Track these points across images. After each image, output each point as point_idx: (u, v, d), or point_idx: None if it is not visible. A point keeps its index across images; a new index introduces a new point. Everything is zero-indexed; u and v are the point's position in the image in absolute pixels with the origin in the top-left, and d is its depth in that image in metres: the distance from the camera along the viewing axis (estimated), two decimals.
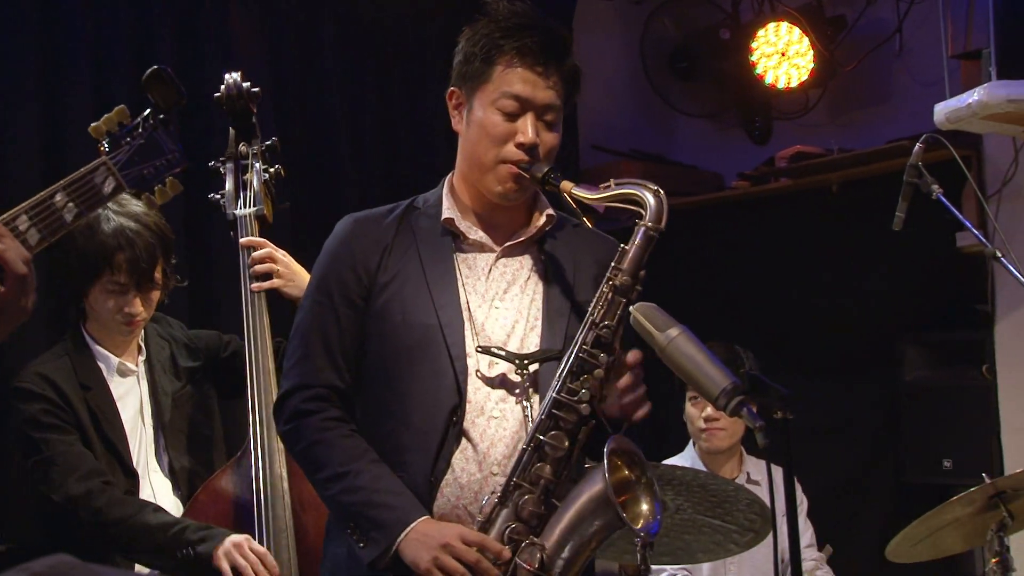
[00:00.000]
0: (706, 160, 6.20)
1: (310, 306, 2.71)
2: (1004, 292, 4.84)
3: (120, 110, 2.56)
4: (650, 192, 2.61)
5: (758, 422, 2.40)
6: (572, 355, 2.54)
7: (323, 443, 2.61)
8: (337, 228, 2.76)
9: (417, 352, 2.60)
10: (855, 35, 5.57)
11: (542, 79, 2.62)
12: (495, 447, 2.58)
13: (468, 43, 2.67)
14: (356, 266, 2.67)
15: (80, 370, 3.32)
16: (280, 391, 2.72)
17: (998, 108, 4.15)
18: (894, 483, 5.23)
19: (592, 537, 2.47)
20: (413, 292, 2.63)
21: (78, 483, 3.19)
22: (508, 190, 2.64)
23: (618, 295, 2.55)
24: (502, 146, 2.61)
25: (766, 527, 3.53)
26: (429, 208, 2.74)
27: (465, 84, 2.68)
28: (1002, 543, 3.38)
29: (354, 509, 2.56)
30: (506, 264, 2.71)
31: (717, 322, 5.45)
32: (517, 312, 2.67)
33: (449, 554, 2.44)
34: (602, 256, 2.73)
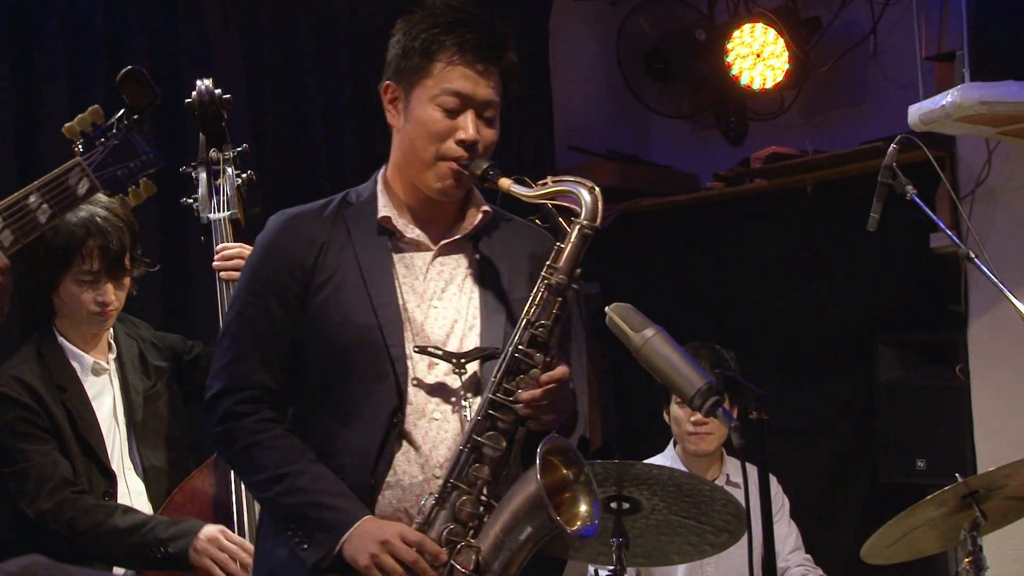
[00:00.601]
0: (682, 161, 6.22)
1: (242, 305, 2.65)
2: (977, 293, 4.86)
3: (94, 110, 2.54)
4: (586, 189, 2.57)
5: (733, 422, 2.40)
6: (507, 355, 2.52)
7: (259, 445, 2.56)
8: (269, 224, 2.70)
9: (356, 354, 2.57)
10: (830, 36, 5.59)
11: (482, 76, 2.60)
12: (437, 449, 2.56)
13: (405, 37, 2.64)
14: (291, 264, 2.62)
15: (55, 371, 3.30)
16: (210, 392, 2.64)
17: (971, 110, 4.17)
18: (868, 483, 5.25)
19: (528, 539, 2.46)
20: (351, 292, 2.60)
21: (48, 497, 3.17)
22: (447, 187, 2.62)
23: (553, 294, 2.54)
24: (442, 143, 2.59)
25: (741, 528, 3.54)
26: (363, 204, 2.70)
27: (402, 79, 2.64)
28: (975, 543, 3.39)
29: (296, 511, 2.52)
30: (443, 263, 2.68)
31: (692, 322, 5.48)
32: (456, 311, 2.65)
33: (388, 552, 2.43)
34: (536, 250, 2.72)
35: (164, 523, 3.16)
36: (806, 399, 5.37)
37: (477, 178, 2.60)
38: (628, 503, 3.53)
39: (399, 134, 2.69)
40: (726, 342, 4.33)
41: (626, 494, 3.52)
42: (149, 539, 3.13)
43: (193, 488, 3.32)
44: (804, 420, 5.36)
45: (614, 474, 3.48)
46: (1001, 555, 4.36)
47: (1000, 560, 4.22)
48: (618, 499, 3.52)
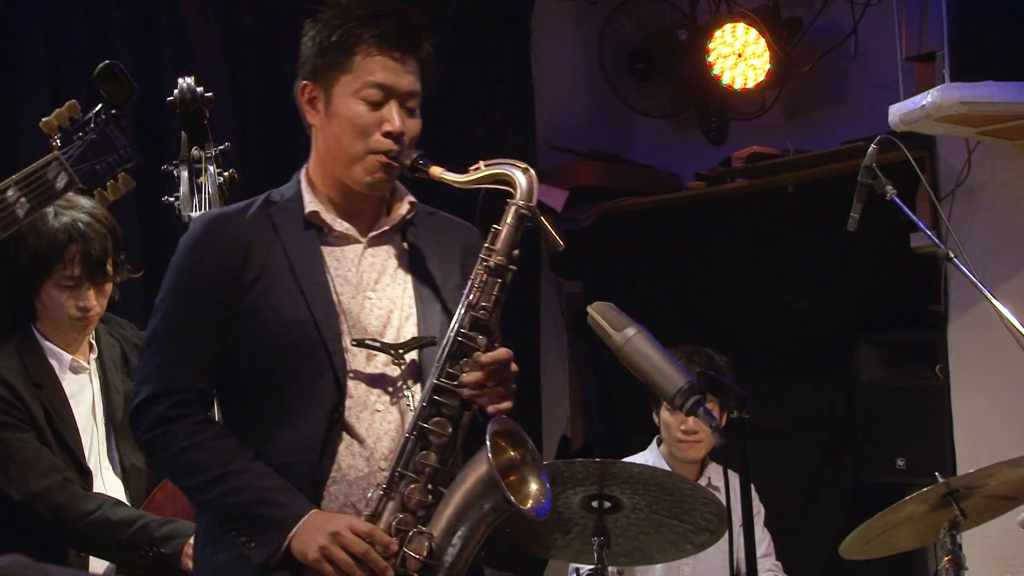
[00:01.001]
0: (663, 160, 6.23)
1: (168, 308, 2.61)
2: (957, 292, 4.88)
3: (71, 105, 2.54)
4: (519, 170, 2.56)
5: (713, 421, 2.41)
6: (450, 339, 2.51)
7: (196, 447, 2.52)
8: (193, 227, 2.66)
9: (293, 350, 2.54)
10: (811, 37, 5.60)
11: (402, 66, 2.59)
12: (381, 441, 2.54)
13: (320, 35, 2.62)
14: (218, 265, 2.58)
15: (32, 368, 3.29)
16: (138, 398, 2.59)
17: (951, 110, 4.18)
18: (848, 482, 5.26)
19: (481, 521, 2.46)
20: (282, 289, 2.56)
21: (38, 480, 3.16)
22: (377, 180, 2.61)
23: (493, 276, 2.53)
24: (369, 136, 2.58)
25: (721, 527, 3.55)
26: (288, 202, 2.67)
27: (320, 77, 2.63)
28: (954, 541, 3.41)
29: (239, 510, 2.48)
30: (374, 254, 2.66)
31: (673, 322, 5.50)
32: (391, 302, 2.63)
33: (338, 544, 2.41)
34: (464, 242, 2.73)
35: (156, 521, 3.15)
36: (787, 398, 5.39)
37: (407, 168, 2.59)
38: (610, 502, 3.54)
39: (321, 132, 2.67)
40: (706, 341, 4.34)
41: (608, 493, 3.53)
42: (142, 537, 3.12)
43: (174, 487, 3.31)
44: (785, 419, 5.37)
45: (596, 473, 3.49)
46: (980, 553, 4.39)
47: (979, 558, 4.25)
48: (599, 498, 3.53)
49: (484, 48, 5.84)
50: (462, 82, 5.75)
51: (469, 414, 2.52)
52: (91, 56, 4.31)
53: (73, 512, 3.15)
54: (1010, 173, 4.83)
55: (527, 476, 2.50)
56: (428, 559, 2.44)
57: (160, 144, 4.18)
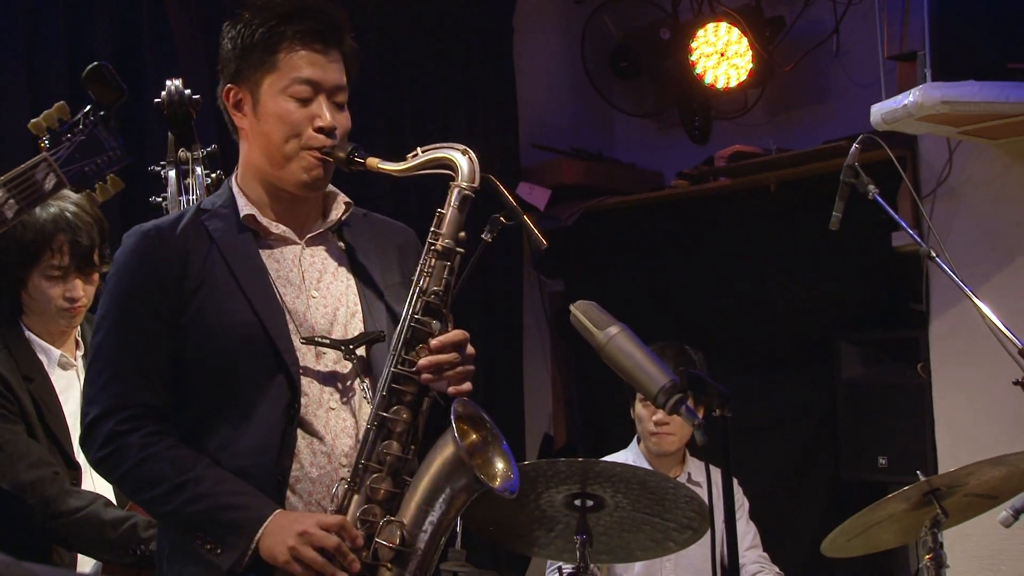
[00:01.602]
0: (646, 159, 6.23)
1: (112, 325, 2.57)
2: (939, 291, 4.90)
3: (60, 106, 2.54)
4: (459, 152, 2.55)
5: (696, 420, 2.41)
6: (404, 326, 2.50)
7: (151, 458, 2.48)
8: (126, 242, 2.62)
9: (242, 353, 2.51)
10: (793, 36, 5.61)
11: (328, 61, 2.58)
12: (340, 438, 2.53)
13: (240, 36, 2.60)
14: (157, 277, 2.55)
15: (21, 362, 3.29)
16: (88, 417, 2.55)
17: (933, 109, 4.19)
18: (830, 480, 5.27)
19: (451, 503, 2.45)
20: (225, 294, 2.54)
21: (28, 471, 3.15)
22: (315, 177, 2.59)
23: (441, 259, 2.52)
24: (302, 133, 2.56)
25: (704, 524, 3.55)
26: (220, 209, 2.65)
27: (245, 79, 2.60)
28: (936, 539, 3.42)
29: (202, 517, 2.45)
30: (313, 254, 2.65)
31: (656, 320, 5.51)
32: (335, 299, 2.62)
33: (307, 543, 2.39)
34: (400, 242, 2.74)
35: (144, 522, 3.15)
36: (768, 396, 5.40)
37: (343, 161, 2.57)
38: (592, 500, 3.54)
39: (251, 134, 2.64)
40: (689, 339, 4.35)
41: (590, 491, 3.53)
42: (130, 537, 3.11)
43: None
44: (766, 417, 5.38)
45: (578, 472, 3.49)
46: (961, 551, 4.41)
47: (960, 556, 4.27)
48: (582, 496, 3.53)
49: (466, 47, 5.84)
50: (444, 80, 5.74)
51: (429, 400, 2.51)
52: (71, 58, 4.30)
53: (63, 507, 3.15)
54: (991, 172, 4.84)
55: (492, 456, 2.50)
56: (400, 547, 2.43)
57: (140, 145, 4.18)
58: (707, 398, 2.49)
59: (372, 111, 5.38)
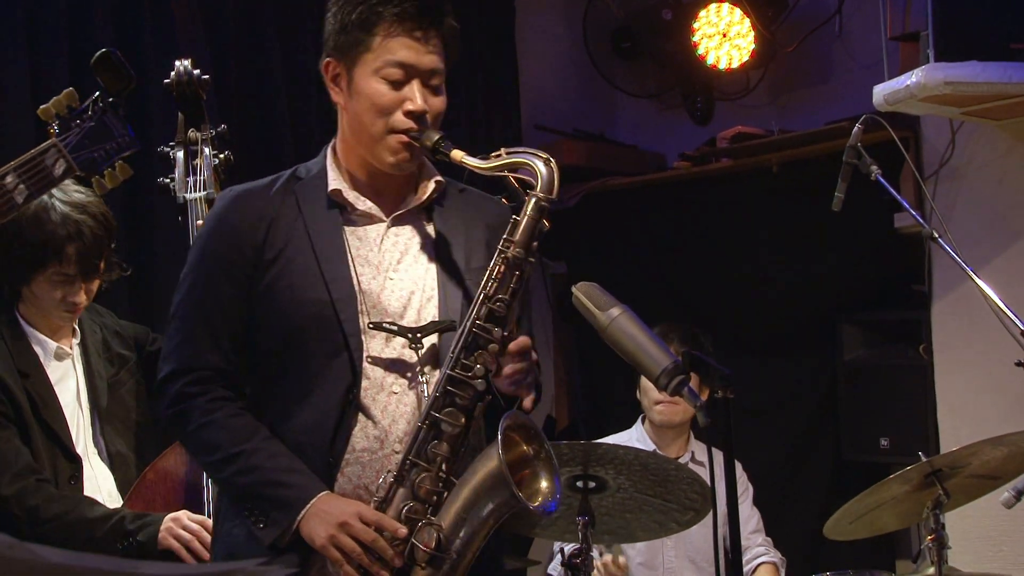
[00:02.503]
0: (648, 140, 6.22)
1: (190, 285, 2.61)
2: (941, 272, 4.89)
3: (69, 93, 2.54)
4: (541, 161, 2.56)
5: (698, 401, 2.41)
6: (465, 330, 2.49)
7: (212, 424, 2.53)
8: (217, 203, 2.66)
9: (309, 330, 2.53)
10: (795, 17, 5.60)
11: (423, 43, 2.57)
12: (396, 423, 2.53)
13: (342, 11, 2.59)
14: (239, 242, 2.58)
15: (17, 356, 3.27)
16: (161, 374, 2.61)
17: (936, 90, 4.18)
18: (832, 461, 5.27)
19: (489, 515, 2.45)
20: (302, 268, 2.56)
21: (10, 483, 3.14)
22: (400, 160, 2.58)
23: (511, 268, 2.51)
24: (390, 116, 2.55)
25: (706, 506, 3.56)
26: (313, 178, 2.66)
27: (342, 55, 2.60)
28: (938, 520, 3.42)
29: (251, 490, 2.49)
30: (397, 234, 2.64)
31: (657, 301, 5.50)
32: (412, 282, 2.61)
33: (346, 533, 2.40)
34: (492, 220, 2.70)
35: (130, 516, 3.15)
36: (770, 377, 5.40)
37: (428, 150, 2.56)
38: (594, 482, 3.55)
39: (344, 110, 2.65)
40: (691, 320, 4.35)
41: (592, 473, 3.53)
42: (117, 531, 3.12)
43: (165, 468, 3.31)
44: (768, 398, 5.38)
45: (580, 454, 3.50)
46: (963, 532, 4.41)
47: (962, 537, 4.27)
48: (584, 478, 3.54)
49: (468, 27, 5.79)
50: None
51: (483, 405, 2.51)
52: (73, 43, 4.29)
53: (47, 513, 3.14)
54: (994, 153, 4.83)
55: (539, 472, 2.49)
56: (436, 551, 2.43)
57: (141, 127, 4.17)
58: (709, 379, 2.49)
59: None
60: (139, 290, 4.29)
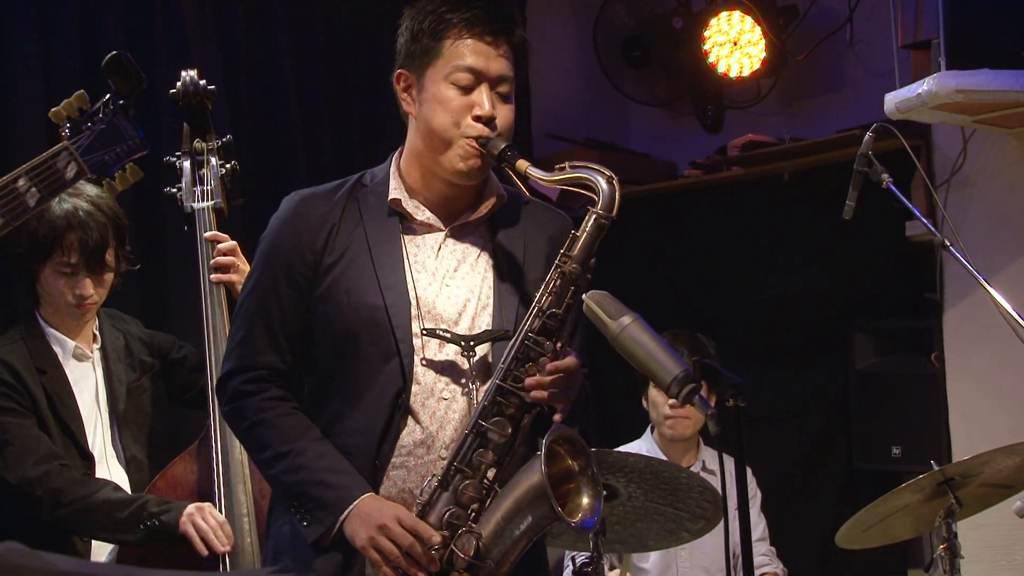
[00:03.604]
0: (659, 148, 6.22)
1: (254, 285, 2.67)
2: (953, 280, 4.88)
3: (80, 95, 2.55)
4: (604, 178, 2.57)
5: (709, 410, 2.40)
6: (518, 342, 2.51)
7: (264, 423, 2.59)
8: (283, 206, 2.70)
9: (363, 334, 2.57)
10: (806, 25, 5.59)
11: (493, 49, 2.59)
12: (444, 429, 2.56)
13: (413, 22, 2.63)
14: (301, 246, 2.62)
15: (35, 354, 3.31)
16: (221, 372, 2.69)
17: (947, 98, 4.17)
18: (843, 470, 5.26)
19: (529, 528, 2.46)
20: (358, 273, 2.59)
21: (35, 465, 3.18)
22: (472, 167, 2.59)
23: (567, 283, 2.53)
24: (461, 121, 2.57)
25: (717, 515, 3.55)
26: (377, 186, 2.69)
27: (414, 64, 2.63)
28: (950, 529, 3.41)
29: (297, 488, 2.54)
30: (455, 243, 2.67)
31: (669, 310, 5.49)
32: (468, 290, 2.63)
33: (385, 536, 2.43)
34: (553, 232, 2.72)
35: (154, 500, 3.18)
36: (782, 386, 5.39)
37: (494, 158, 2.57)
38: (605, 490, 3.54)
39: (415, 120, 2.67)
40: (702, 329, 4.34)
41: (603, 481, 3.52)
42: (140, 513, 3.15)
43: (175, 475, 3.33)
44: (780, 407, 5.37)
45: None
46: (976, 541, 4.39)
47: (974, 546, 4.25)
48: None
49: None
50: None
51: (530, 417, 2.52)
52: (84, 47, 4.31)
53: (72, 494, 3.17)
54: (1006, 161, 4.83)
55: (581, 487, 2.50)
56: (474, 559, 2.45)
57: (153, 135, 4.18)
58: (720, 388, 2.49)
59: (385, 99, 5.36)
60: (148, 299, 4.30)
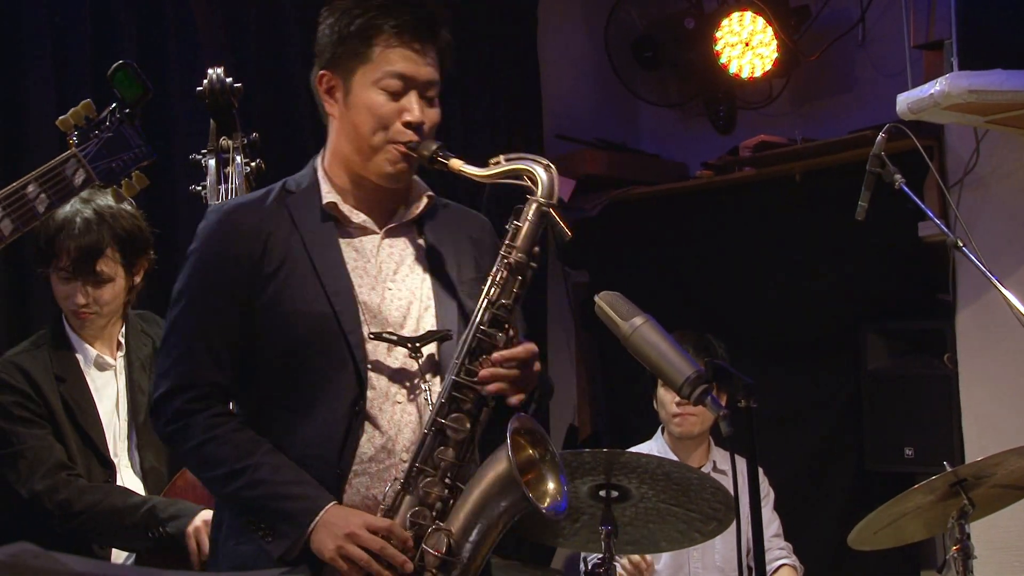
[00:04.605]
0: (670, 149, 6.22)
1: (187, 302, 2.60)
2: (965, 281, 4.87)
3: (86, 104, 2.57)
4: (541, 167, 2.57)
5: (722, 410, 2.40)
6: (470, 336, 2.51)
7: (215, 440, 2.51)
8: (210, 218, 2.65)
9: (313, 343, 2.53)
10: (818, 25, 5.59)
11: (422, 56, 2.59)
12: (402, 432, 2.54)
13: (339, 24, 2.61)
14: (235, 257, 2.56)
15: (56, 362, 3.31)
16: (159, 391, 2.58)
17: (960, 98, 4.17)
18: (856, 471, 5.26)
19: (499, 518, 2.46)
20: (301, 281, 2.55)
21: (42, 479, 3.18)
22: (399, 170, 2.60)
23: (513, 273, 2.53)
24: (389, 126, 2.57)
25: (729, 515, 3.55)
26: (305, 192, 2.66)
27: (340, 67, 2.61)
28: (963, 530, 3.41)
29: (258, 504, 2.48)
30: (392, 245, 2.66)
31: (680, 311, 5.50)
32: (410, 292, 2.63)
33: (354, 543, 2.41)
34: (475, 233, 2.74)
35: (162, 503, 3.17)
36: (794, 387, 5.38)
37: (427, 160, 2.58)
38: (617, 491, 3.54)
39: (339, 122, 2.65)
40: (714, 330, 4.34)
41: (615, 482, 3.53)
42: (149, 520, 3.14)
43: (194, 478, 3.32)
44: (792, 408, 5.37)
45: (603, 463, 3.49)
46: (988, 542, 4.38)
47: (987, 547, 4.24)
48: (607, 487, 3.53)
49: (491, 37, 5.83)
50: (469, 71, 5.74)
51: (488, 410, 2.52)
52: (96, 53, 4.31)
53: (79, 505, 3.17)
54: (1019, 161, 4.81)
55: (545, 474, 2.50)
56: (446, 556, 2.44)
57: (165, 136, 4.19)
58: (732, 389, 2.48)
59: None
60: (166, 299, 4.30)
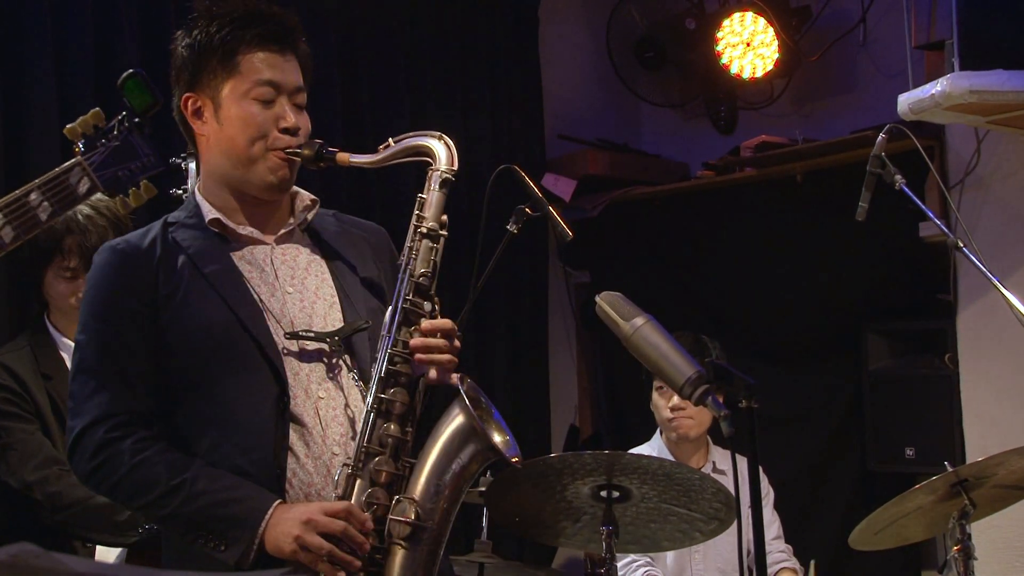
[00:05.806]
0: (671, 149, 6.22)
1: (91, 337, 2.55)
2: (966, 281, 4.87)
3: (95, 113, 2.57)
4: (434, 139, 2.61)
5: (723, 411, 2.40)
6: (397, 308, 2.53)
7: (146, 463, 2.46)
8: (97, 259, 2.61)
9: (225, 353, 2.51)
10: (819, 26, 5.59)
11: (286, 62, 2.61)
12: (330, 427, 2.54)
13: (196, 43, 2.60)
14: (130, 288, 2.54)
15: (42, 360, 3.33)
16: (76, 428, 2.51)
17: (961, 99, 4.16)
18: (857, 471, 5.26)
19: (462, 474, 2.48)
20: (200, 296, 2.54)
21: (34, 470, 3.20)
22: (281, 177, 2.60)
23: (428, 240, 2.57)
24: (267, 135, 2.57)
25: (731, 515, 3.55)
26: (187, 219, 2.65)
27: (205, 86, 2.61)
28: (964, 531, 3.40)
29: (202, 516, 2.42)
30: (284, 251, 2.66)
31: (682, 311, 5.50)
32: (313, 293, 2.63)
33: (313, 530, 2.37)
34: (373, 240, 2.78)
35: None
36: (795, 388, 5.39)
37: (311, 158, 2.59)
38: (618, 492, 3.54)
39: (211, 141, 2.64)
40: (715, 330, 4.35)
41: (616, 483, 3.53)
42: (136, 516, 3.15)
43: None
44: (793, 409, 5.37)
45: (604, 463, 3.49)
46: (990, 543, 4.39)
47: (988, 548, 4.25)
48: (608, 487, 3.53)
49: (492, 37, 5.84)
50: (470, 71, 5.74)
51: (424, 382, 2.54)
52: (99, 63, 4.32)
53: (69, 499, 3.18)
54: (1020, 161, 4.81)
55: (491, 431, 2.54)
56: (416, 521, 2.45)
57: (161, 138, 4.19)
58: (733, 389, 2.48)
59: (397, 103, 5.38)
60: None
